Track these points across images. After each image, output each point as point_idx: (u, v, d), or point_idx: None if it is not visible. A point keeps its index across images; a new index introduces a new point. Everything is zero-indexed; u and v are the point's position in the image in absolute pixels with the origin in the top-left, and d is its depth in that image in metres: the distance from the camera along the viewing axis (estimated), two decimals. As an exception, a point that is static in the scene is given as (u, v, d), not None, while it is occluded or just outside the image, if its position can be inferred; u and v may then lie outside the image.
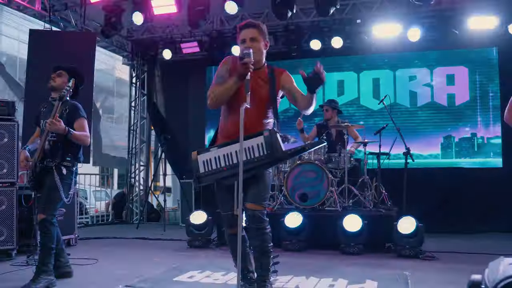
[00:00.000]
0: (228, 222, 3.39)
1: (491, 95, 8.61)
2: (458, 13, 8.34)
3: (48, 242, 3.97)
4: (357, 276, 4.32)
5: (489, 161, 8.54)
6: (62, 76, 4.14)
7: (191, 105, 10.41)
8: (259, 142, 3.14)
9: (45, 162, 3.98)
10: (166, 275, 4.38)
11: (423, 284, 4.06)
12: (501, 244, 6.41)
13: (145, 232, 7.96)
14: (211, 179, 3.28)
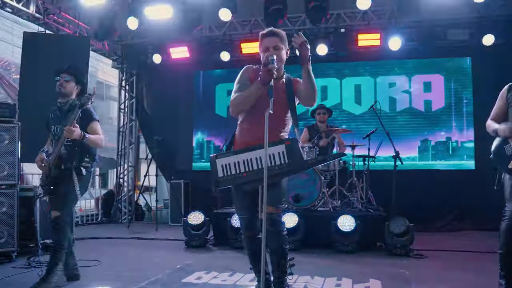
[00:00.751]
0: (246, 226, 3.29)
1: (465, 101, 8.73)
2: (436, 24, 8.44)
3: (61, 240, 3.88)
4: (359, 275, 4.27)
5: (462, 163, 8.65)
6: (70, 81, 4.04)
7: (179, 109, 10.20)
8: (280, 151, 3.04)
9: (62, 166, 3.91)
10: (173, 277, 4.24)
11: (424, 283, 4.04)
12: (480, 241, 6.46)
13: (137, 231, 7.75)
14: (229, 184, 3.17)
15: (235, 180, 3.12)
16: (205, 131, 10.05)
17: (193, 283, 3.98)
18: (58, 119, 4.04)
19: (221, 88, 10.03)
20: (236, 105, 3.14)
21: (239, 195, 3.26)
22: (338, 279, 4.12)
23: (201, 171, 9.86)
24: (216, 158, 3.20)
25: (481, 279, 4.16)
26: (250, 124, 3.26)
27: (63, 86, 4.01)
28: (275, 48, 3.18)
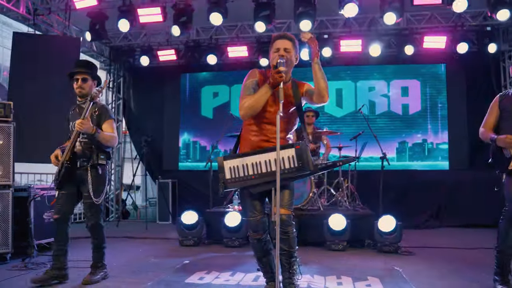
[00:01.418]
0: (253, 227, 3.17)
1: (440, 105, 8.81)
2: (414, 32, 8.49)
3: (101, 244, 3.97)
4: (357, 273, 4.19)
5: (437, 164, 8.73)
6: (87, 81, 3.91)
7: (166, 110, 9.96)
8: (290, 154, 2.93)
9: (78, 162, 3.79)
10: (176, 277, 4.04)
11: (417, 279, 3.97)
12: (458, 238, 6.51)
13: (127, 230, 7.48)
14: (238, 186, 3.05)
15: (244, 182, 3.01)
16: (191, 132, 9.83)
17: (196, 284, 3.80)
18: (76, 116, 3.86)
19: (206, 90, 9.85)
20: (248, 108, 2.99)
21: (247, 197, 3.13)
22: (337, 278, 4.02)
23: (187, 171, 9.67)
24: (224, 160, 3.06)
25: (473, 273, 4.14)
26: (254, 128, 3.14)
27: (83, 87, 3.88)
28: (285, 50, 3.06)
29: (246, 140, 3.18)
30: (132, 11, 7.23)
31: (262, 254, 3.21)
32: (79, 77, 3.87)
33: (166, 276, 4.09)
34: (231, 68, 9.69)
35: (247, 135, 3.18)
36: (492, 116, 3.71)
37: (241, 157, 3.02)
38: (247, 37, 9.14)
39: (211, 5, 7.03)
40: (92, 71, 3.99)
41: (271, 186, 2.92)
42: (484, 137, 3.74)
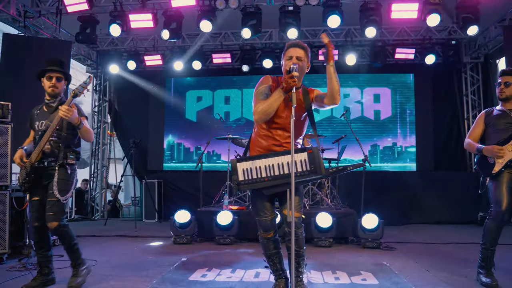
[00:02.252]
0: (264, 227, 3.09)
1: (408, 112, 8.99)
2: (386, 44, 8.63)
3: (70, 242, 3.45)
4: (350, 268, 4.15)
5: (406, 165, 8.90)
6: (61, 81, 3.54)
7: (151, 112, 9.73)
8: (302, 158, 2.85)
9: (45, 162, 3.38)
10: (178, 275, 3.88)
11: (406, 272, 3.97)
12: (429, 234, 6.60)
13: (116, 228, 7.22)
14: (250, 187, 2.94)
15: (257, 184, 2.90)
16: (175, 134, 9.63)
17: (201, 281, 3.66)
18: (43, 115, 3.51)
19: (191, 95, 9.69)
20: (262, 113, 2.90)
21: (259, 198, 3.04)
22: (333, 273, 3.97)
23: (171, 171, 9.47)
24: (237, 162, 2.96)
25: (456, 266, 4.18)
26: (264, 132, 3.06)
27: (57, 87, 3.50)
28: (298, 58, 2.99)
29: (257, 144, 3.09)
30: (123, 16, 7.01)
31: (271, 253, 3.13)
32: (53, 75, 3.48)
33: (167, 273, 3.93)
34: (215, 74, 9.58)
35: (259, 139, 3.09)
36: (478, 129, 3.88)
37: (254, 160, 2.92)
38: (230, 45, 9.06)
39: (202, 13, 6.90)
40: (66, 71, 3.63)
41: (284, 188, 2.85)
42: (470, 148, 3.88)
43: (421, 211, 8.10)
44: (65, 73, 3.59)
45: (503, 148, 3.60)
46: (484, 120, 3.85)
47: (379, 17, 6.83)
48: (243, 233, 5.71)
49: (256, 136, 3.11)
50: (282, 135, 3.01)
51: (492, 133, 3.78)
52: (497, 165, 3.61)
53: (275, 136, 3.02)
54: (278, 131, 3.01)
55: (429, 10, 6.45)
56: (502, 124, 3.72)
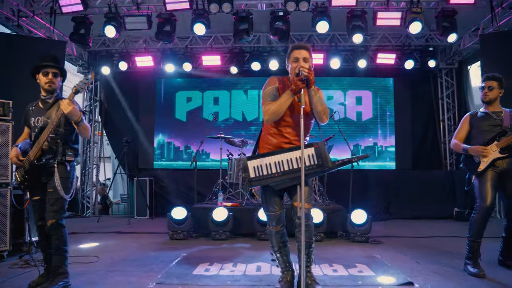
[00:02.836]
0: (274, 221, 3.10)
1: (388, 114, 9.14)
2: (368, 49, 8.75)
3: (62, 245, 3.22)
4: (345, 261, 4.19)
5: (386, 164, 9.04)
6: (58, 77, 3.38)
7: (141, 112, 9.55)
8: (310, 153, 2.90)
9: (43, 159, 3.20)
10: (182, 269, 3.84)
11: (397, 264, 4.04)
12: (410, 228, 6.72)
13: (110, 225, 7.06)
14: (262, 183, 2.96)
15: (268, 180, 2.93)
16: (165, 133, 9.51)
17: (205, 275, 3.63)
18: (40, 111, 3.35)
19: (181, 95, 9.58)
20: (273, 114, 2.93)
21: (269, 193, 3.06)
22: (330, 265, 4.00)
23: (161, 169, 9.35)
24: (248, 160, 2.97)
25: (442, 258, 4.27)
26: (274, 131, 3.09)
27: (53, 82, 3.33)
28: (304, 59, 3.01)
29: (267, 141, 3.11)
30: (118, 18, 6.87)
31: (279, 245, 3.14)
32: (50, 71, 3.31)
33: (171, 268, 3.88)
34: (204, 75, 9.49)
35: (269, 137, 3.10)
36: (463, 130, 4.03)
37: (264, 157, 2.95)
38: (220, 47, 9.02)
39: (195, 17, 6.84)
40: (62, 67, 3.45)
41: (294, 182, 2.88)
42: (456, 148, 4.00)
43: (401, 207, 8.22)
44: (61, 68, 3.43)
45: (487, 148, 3.76)
46: (469, 122, 4.01)
47: (364, 24, 6.92)
48: (237, 228, 5.70)
49: (266, 134, 3.13)
50: (291, 133, 3.04)
51: (476, 134, 3.92)
52: (482, 164, 3.76)
53: (285, 134, 3.04)
54: (288, 129, 3.04)
55: (411, 18, 6.56)
56: (486, 125, 3.87)
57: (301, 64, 2.98)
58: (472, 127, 3.97)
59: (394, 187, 8.46)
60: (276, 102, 2.93)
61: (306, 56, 3.02)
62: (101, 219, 7.86)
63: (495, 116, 3.86)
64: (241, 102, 9.46)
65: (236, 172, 6.66)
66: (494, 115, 3.87)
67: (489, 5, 6.66)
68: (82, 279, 3.53)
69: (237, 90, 9.46)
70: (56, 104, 3.34)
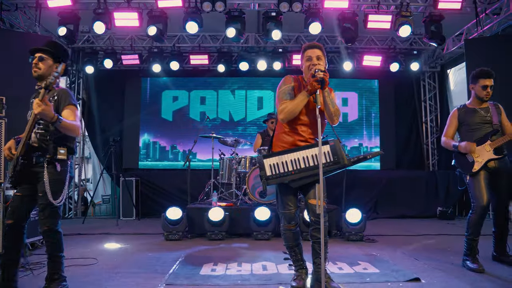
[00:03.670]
0: (288, 219, 3.12)
1: (373, 115, 9.33)
2: (355, 51, 8.91)
3: (56, 252, 2.99)
4: (347, 259, 4.24)
5: (371, 164, 9.23)
6: (45, 60, 3.03)
7: (126, 111, 9.40)
8: (325, 150, 2.93)
9: (33, 157, 2.92)
10: (187, 270, 3.77)
11: (397, 261, 4.12)
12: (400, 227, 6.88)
13: (98, 226, 6.88)
14: (278, 181, 2.97)
15: (284, 177, 2.95)
16: (151, 132, 9.38)
17: (214, 275, 3.60)
18: (32, 103, 3.01)
19: (167, 94, 9.47)
20: (288, 113, 2.95)
21: (284, 192, 3.08)
22: (333, 263, 4.05)
23: (147, 169, 9.21)
24: (263, 158, 2.98)
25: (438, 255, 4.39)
26: (289, 129, 3.11)
27: (38, 67, 3.00)
28: (318, 57, 3.05)
29: (282, 139, 3.12)
30: (107, 14, 6.73)
31: (293, 244, 3.16)
32: (36, 55, 3.00)
33: (177, 269, 3.81)
34: (191, 75, 9.43)
35: (284, 135, 3.12)
36: (453, 127, 4.09)
37: (280, 155, 2.97)
38: (208, 46, 8.97)
39: (187, 15, 6.78)
40: (55, 50, 3.08)
41: (310, 180, 2.91)
42: (447, 145, 4.07)
43: (387, 207, 8.37)
44: (49, 51, 3.04)
45: (481, 154, 3.82)
46: (458, 118, 4.02)
47: (354, 26, 7.04)
48: (233, 228, 5.67)
49: (281, 133, 3.14)
50: (306, 131, 3.07)
51: (466, 132, 3.98)
52: (477, 164, 3.83)
53: (300, 132, 3.07)
54: (303, 127, 3.07)
55: (401, 22, 6.73)
56: (476, 124, 3.92)
57: (314, 62, 3.01)
58: (461, 123, 4.01)
59: (380, 187, 8.61)
60: (292, 102, 2.96)
61: (319, 54, 3.06)
62: (86, 221, 7.65)
63: (483, 112, 3.91)
64: (228, 102, 9.44)
65: (228, 172, 6.64)
66: (482, 111, 3.93)
67: (473, 11, 6.91)
68: (86, 280, 3.43)
69: (224, 90, 9.43)
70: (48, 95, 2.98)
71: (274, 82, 9.43)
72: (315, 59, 3.04)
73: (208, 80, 9.42)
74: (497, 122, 3.89)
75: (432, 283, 3.39)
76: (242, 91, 9.42)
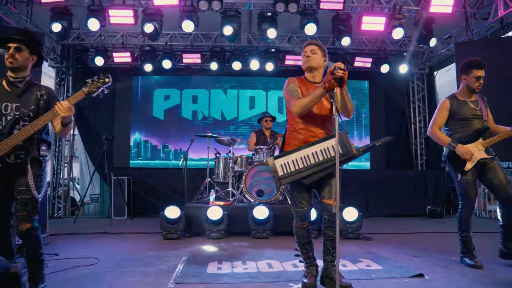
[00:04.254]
0: (301, 217, 3.17)
1: (363, 115, 9.48)
2: (346, 53, 9.03)
3: (38, 250, 2.87)
4: (349, 256, 4.31)
5: (361, 164, 9.37)
6: (22, 51, 2.86)
7: (117, 110, 9.30)
8: (333, 143, 2.97)
9: (13, 155, 2.75)
10: (194, 269, 3.76)
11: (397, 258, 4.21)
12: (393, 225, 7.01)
13: (90, 225, 6.79)
14: (291, 180, 3.00)
15: (296, 175, 2.99)
16: (142, 131, 9.30)
17: (222, 274, 3.60)
18: (6, 96, 2.85)
19: (158, 93, 9.41)
20: (304, 106, 2.99)
21: (297, 190, 3.12)
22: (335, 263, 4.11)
23: (138, 168, 9.13)
24: (274, 159, 3.04)
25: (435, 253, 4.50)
26: (301, 126, 3.16)
27: (15, 58, 2.82)
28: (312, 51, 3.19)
29: (294, 137, 3.17)
30: (102, 11, 6.64)
31: (305, 241, 3.21)
32: (11, 45, 2.83)
33: (182, 268, 3.80)
34: (183, 73, 9.39)
35: (295, 134, 3.17)
36: (443, 118, 3.96)
37: (289, 154, 3.01)
38: (200, 46, 8.94)
39: (183, 13, 6.76)
40: (31, 41, 2.93)
41: (322, 174, 2.96)
42: (439, 139, 3.95)
43: (378, 205, 8.51)
44: (26, 42, 2.88)
45: (474, 151, 3.79)
46: (450, 109, 3.91)
47: (348, 28, 7.15)
48: (231, 227, 5.68)
49: (292, 131, 3.19)
50: (317, 128, 3.14)
51: (457, 125, 3.91)
52: (469, 163, 3.80)
53: (311, 129, 3.12)
54: (313, 123, 3.14)
55: (394, 24, 6.87)
56: (467, 118, 3.84)
57: (309, 55, 3.14)
58: (452, 115, 3.92)
59: (370, 186, 8.75)
60: (308, 97, 3.00)
61: (313, 48, 3.19)
62: (77, 220, 7.53)
63: (473, 105, 3.87)
64: (221, 101, 9.44)
65: (223, 171, 6.65)
66: (472, 104, 3.87)
67: (462, 15, 7.10)
68: (92, 280, 3.39)
69: (216, 89, 9.43)
70: (29, 90, 2.90)
71: (266, 81, 9.48)
72: (309, 52, 3.17)
73: (200, 79, 9.39)
74: (486, 117, 3.87)
75: (435, 279, 3.48)
76: (234, 91, 9.43)
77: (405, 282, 3.39)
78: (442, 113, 3.96)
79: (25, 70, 2.92)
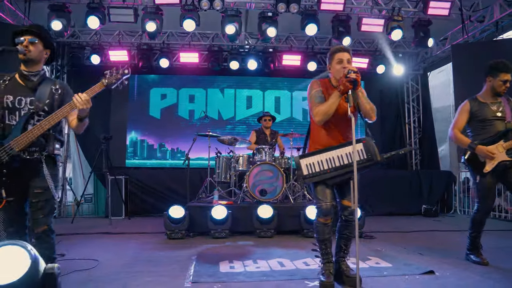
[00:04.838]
0: (325, 213, 3.21)
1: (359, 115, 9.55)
2: (343, 53, 9.10)
3: (52, 254, 2.81)
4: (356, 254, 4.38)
5: (357, 163, 9.45)
6: (36, 44, 2.80)
7: (113, 109, 9.20)
8: (359, 148, 3.07)
9: (26, 152, 2.69)
10: (207, 268, 3.77)
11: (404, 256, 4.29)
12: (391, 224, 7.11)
13: (89, 226, 6.72)
14: (315, 180, 3.13)
15: (320, 176, 3.11)
16: (138, 130, 9.24)
17: (236, 272, 3.63)
18: (19, 89, 2.78)
19: (155, 92, 9.36)
20: (324, 114, 3.07)
21: (321, 186, 3.16)
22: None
23: (134, 168, 9.06)
24: (300, 158, 3.15)
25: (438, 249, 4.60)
26: (323, 130, 3.25)
27: (29, 49, 2.75)
28: (348, 61, 3.18)
29: (317, 140, 3.28)
30: (101, 8, 6.58)
31: (325, 237, 3.26)
32: (25, 37, 2.76)
33: (195, 267, 3.82)
34: (179, 72, 9.35)
35: (318, 137, 3.27)
36: (463, 120, 3.98)
37: (315, 155, 3.12)
38: (198, 45, 8.92)
39: (184, 12, 6.75)
40: (45, 36, 2.89)
41: (346, 177, 3.04)
42: (459, 141, 3.99)
43: (376, 205, 8.58)
44: (40, 35, 2.83)
45: (495, 152, 3.76)
46: (470, 111, 3.92)
47: (347, 28, 7.23)
48: (236, 226, 5.70)
49: (315, 134, 3.28)
50: (338, 131, 3.22)
51: (478, 127, 3.92)
52: (489, 165, 3.79)
53: (332, 133, 3.19)
54: (334, 127, 3.22)
55: (392, 26, 6.98)
56: (487, 120, 3.84)
57: (345, 65, 3.14)
58: (473, 117, 3.92)
59: (367, 186, 8.81)
60: (325, 104, 3.08)
61: (349, 57, 3.19)
62: (75, 220, 7.45)
63: (495, 107, 3.86)
64: (218, 101, 9.44)
65: (224, 171, 6.67)
66: (494, 106, 3.87)
67: (458, 18, 7.26)
68: (107, 280, 3.39)
69: (213, 89, 9.42)
70: (44, 84, 2.85)
71: (263, 81, 9.51)
72: (345, 61, 3.18)
73: (197, 78, 9.38)
74: (510, 118, 3.81)
75: (445, 275, 3.57)
76: (231, 90, 9.44)
77: (417, 278, 3.48)
78: (463, 115, 3.97)
79: (38, 64, 2.86)
